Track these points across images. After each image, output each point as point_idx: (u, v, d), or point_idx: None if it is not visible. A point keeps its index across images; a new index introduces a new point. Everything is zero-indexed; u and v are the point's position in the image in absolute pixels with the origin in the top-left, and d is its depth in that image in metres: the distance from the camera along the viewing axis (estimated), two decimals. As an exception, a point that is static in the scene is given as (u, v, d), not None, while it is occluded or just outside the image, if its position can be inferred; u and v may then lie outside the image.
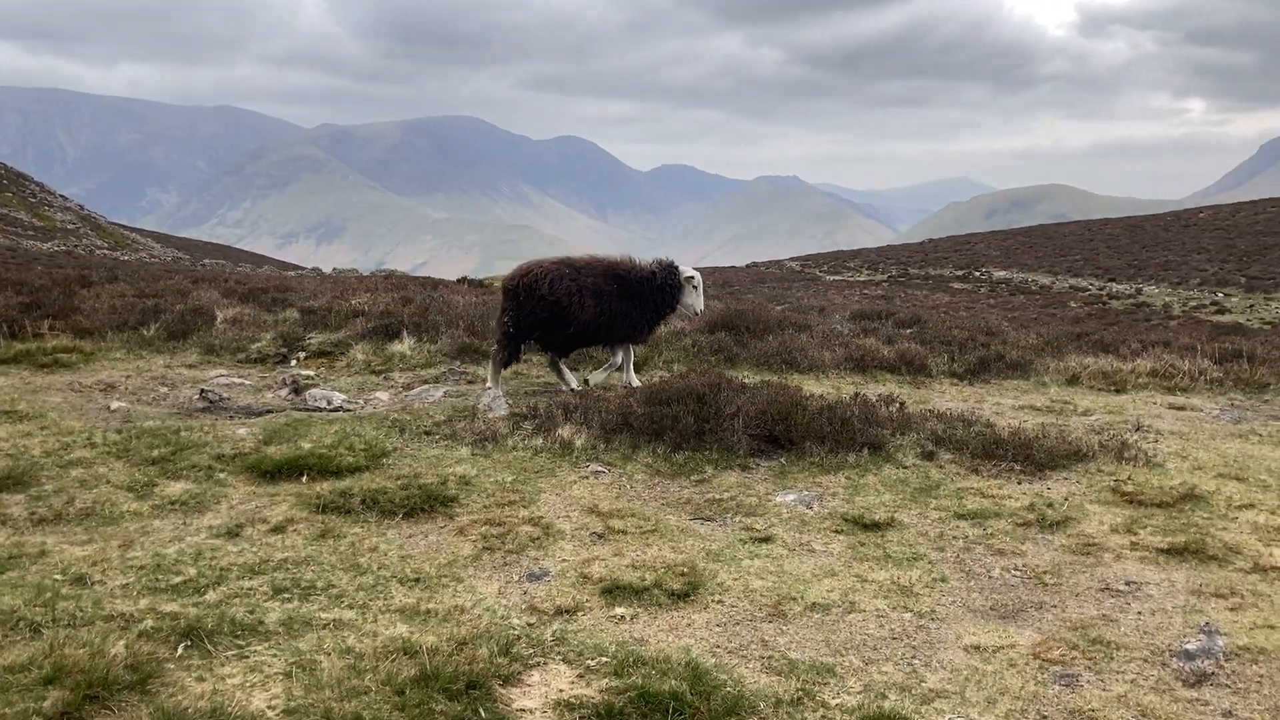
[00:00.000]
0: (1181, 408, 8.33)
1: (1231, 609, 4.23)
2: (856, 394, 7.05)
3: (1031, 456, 6.19)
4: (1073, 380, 9.48)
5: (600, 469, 5.98)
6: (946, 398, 8.45)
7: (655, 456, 6.15)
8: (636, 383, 7.91)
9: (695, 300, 8.12)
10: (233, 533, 4.83)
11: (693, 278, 8.09)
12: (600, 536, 4.91)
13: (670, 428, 6.19)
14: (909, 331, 11.09)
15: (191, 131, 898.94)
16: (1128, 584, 4.52)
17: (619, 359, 8.20)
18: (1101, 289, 43.93)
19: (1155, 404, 8.48)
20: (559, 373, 8.21)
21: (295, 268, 59.24)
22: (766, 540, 4.95)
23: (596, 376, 8.28)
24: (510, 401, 7.28)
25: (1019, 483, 5.96)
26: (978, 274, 50.00)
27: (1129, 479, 5.94)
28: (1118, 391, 9.14)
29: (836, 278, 52.18)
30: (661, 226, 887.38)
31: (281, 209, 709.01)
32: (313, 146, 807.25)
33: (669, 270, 8.03)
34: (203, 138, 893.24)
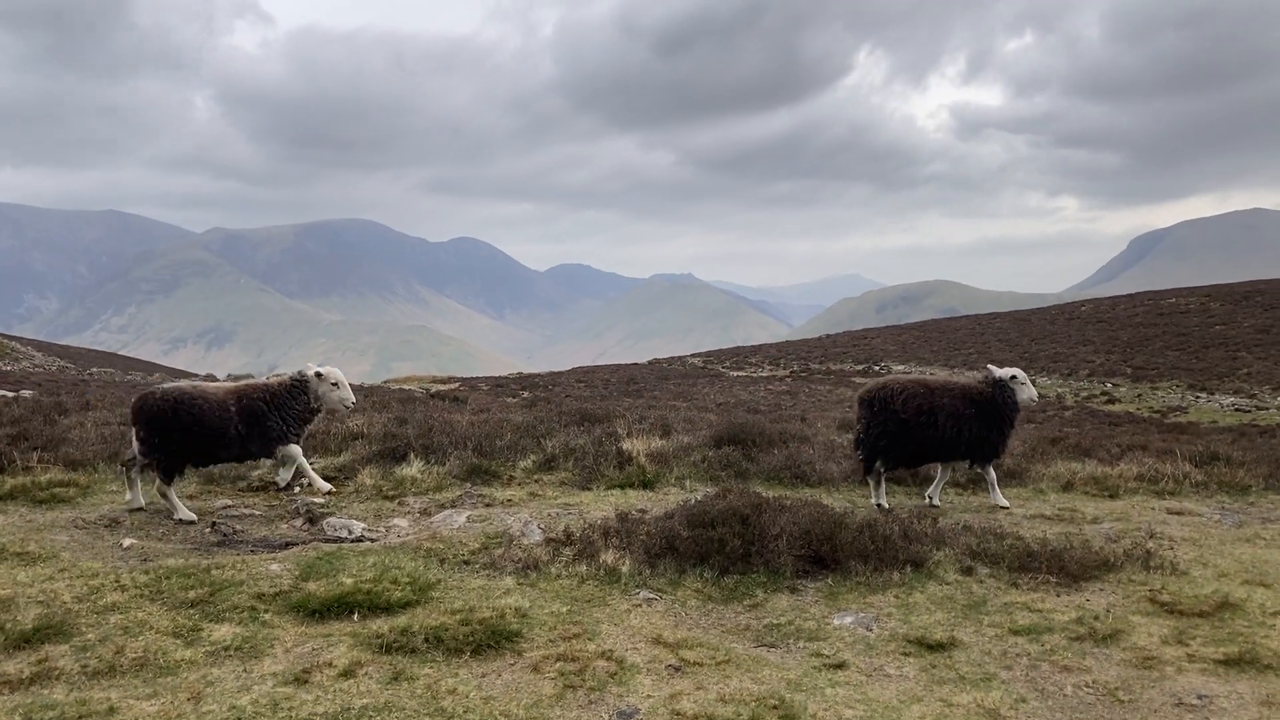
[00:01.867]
0: (1180, 512, 8.63)
1: (1308, 720, 4.37)
2: (890, 509, 7.17)
3: (1065, 568, 6.35)
4: (1067, 486, 9.77)
5: (651, 595, 5.96)
6: (957, 509, 8.63)
7: (704, 581, 6.16)
8: (1004, 502, 8.13)
9: (1029, 393, 8.56)
10: (300, 679, 4.70)
11: (1016, 376, 8.54)
12: (677, 669, 4.89)
13: (717, 550, 6.23)
14: (902, 441, 11.33)
15: (74, 236, 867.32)
16: (1199, 697, 4.64)
17: (992, 476, 8.57)
18: (997, 382, 45.21)
19: (1154, 509, 8.77)
20: (876, 485, 8.36)
21: (187, 374, 57.71)
22: (840, 667, 4.98)
23: (934, 491, 8.71)
24: (542, 525, 7.26)
25: (1058, 595, 6.10)
26: (877, 368, 51.10)
27: (1163, 588, 6.13)
28: (1112, 497, 9.44)
29: (740, 373, 52.34)
30: (559, 324, 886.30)
31: (168, 314, 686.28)
32: (202, 250, 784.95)
33: (1000, 385, 8.43)
34: (86, 242, 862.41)
